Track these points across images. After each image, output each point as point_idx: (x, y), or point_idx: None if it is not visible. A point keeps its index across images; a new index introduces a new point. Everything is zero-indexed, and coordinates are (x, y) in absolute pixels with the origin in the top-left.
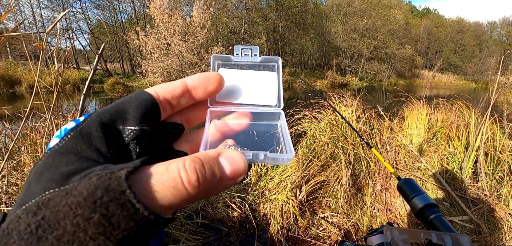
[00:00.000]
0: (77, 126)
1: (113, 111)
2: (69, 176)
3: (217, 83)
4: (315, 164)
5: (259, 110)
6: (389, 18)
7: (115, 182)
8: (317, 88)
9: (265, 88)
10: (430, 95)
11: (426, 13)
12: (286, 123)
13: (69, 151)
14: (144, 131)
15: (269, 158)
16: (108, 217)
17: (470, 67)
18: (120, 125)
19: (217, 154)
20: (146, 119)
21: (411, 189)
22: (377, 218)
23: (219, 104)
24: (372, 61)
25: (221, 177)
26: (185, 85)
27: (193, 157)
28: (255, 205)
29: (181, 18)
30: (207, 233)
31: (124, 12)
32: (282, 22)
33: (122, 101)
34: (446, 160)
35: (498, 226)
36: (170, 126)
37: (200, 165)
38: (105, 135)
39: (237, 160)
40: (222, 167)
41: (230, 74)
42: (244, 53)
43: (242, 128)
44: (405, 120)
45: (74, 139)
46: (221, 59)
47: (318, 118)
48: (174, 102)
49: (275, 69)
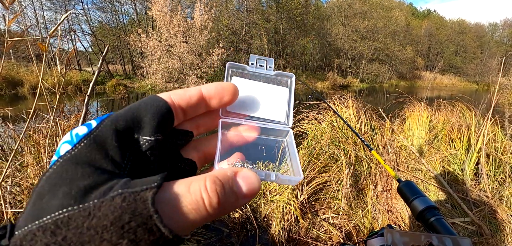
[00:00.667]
0: (91, 133)
1: (128, 119)
2: (86, 191)
3: (232, 94)
4: (316, 165)
5: (268, 126)
6: (390, 20)
7: (141, 206)
8: (318, 89)
9: (276, 103)
10: (432, 96)
11: (427, 14)
12: (294, 140)
13: (84, 161)
14: (159, 141)
15: (279, 178)
16: (136, 242)
17: (472, 69)
18: (135, 134)
19: (234, 174)
20: (161, 128)
21: (411, 191)
22: (378, 220)
23: (231, 115)
24: (373, 62)
25: (238, 196)
26: (201, 94)
27: (213, 177)
28: (257, 207)
29: (182, 19)
30: (208, 234)
31: (126, 13)
32: (283, 23)
33: (137, 107)
34: (447, 162)
35: (500, 228)
36: (181, 133)
37: (221, 187)
38: (119, 144)
39: (253, 180)
40: (239, 186)
41: (243, 84)
42: (259, 63)
43: (250, 141)
44: (406, 121)
45: (88, 147)
46: (235, 68)
47: (319, 120)
48: (189, 111)
49: (288, 85)
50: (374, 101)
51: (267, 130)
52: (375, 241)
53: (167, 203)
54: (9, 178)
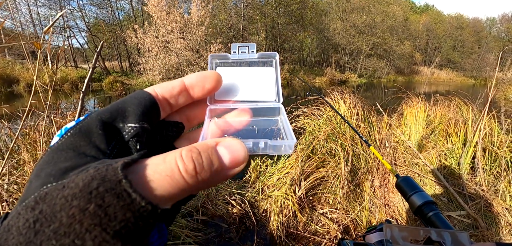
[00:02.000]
0: (77, 124)
1: (113, 110)
2: (67, 170)
3: (215, 81)
4: (314, 160)
5: (259, 106)
6: (388, 15)
7: (111, 173)
8: (316, 85)
9: (263, 84)
10: (429, 91)
11: (425, 9)
12: (286, 117)
13: (68, 147)
14: (144, 128)
15: (270, 146)
16: (104, 208)
17: (469, 64)
18: (120, 123)
19: (215, 143)
20: (146, 117)
21: (409, 186)
22: (375, 214)
23: (219, 102)
24: (371, 58)
25: (219, 166)
26: (183, 84)
27: (190, 146)
28: (255, 202)
29: (179, 15)
30: (207, 230)
31: (122, 9)
32: (281, 19)
33: (122, 100)
34: (444, 156)
35: (495, 221)
36: (170, 124)
37: (197, 154)
38: (105, 132)
39: (236, 148)
40: (220, 155)
41: (228, 73)
42: (241, 50)
43: (243, 125)
44: (404, 116)
45: (73, 136)
46: (218, 58)
47: (316, 115)
48: (173, 101)
49: (273, 64)
50: (372, 96)
51: (259, 110)
52: (373, 236)
53: (139, 171)
54: (6, 176)
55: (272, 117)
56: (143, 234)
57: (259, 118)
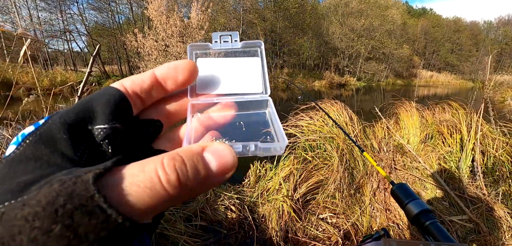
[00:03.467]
0: (37, 129)
1: (78, 111)
2: (26, 185)
3: (188, 72)
4: (312, 164)
5: (244, 99)
6: (386, 18)
7: (80, 187)
8: (316, 88)
9: (249, 75)
10: (428, 94)
11: (423, 13)
12: (275, 110)
13: (28, 157)
14: (116, 129)
15: (260, 149)
16: (73, 228)
17: (467, 67)
18: (88, 125)
19: (201, 149)
20: (116, 116)
21: (405, 194)
22: (376, 219)
23: (201, 96)
24: (370, 61)
25: (206, 174)
26: (154, 76)
27: (173, 153)
28: (254, 207)
29: (179, 19)
30: (206, 235)
31: (122, 13)
32: (280, 23)
33: (87, 99)
34: (443, 159)
35: (497, 225)
36: (146, 123)
37: (181, 162)
38: (70, 136)
39: (224, 153)
40: (207, 162)
41: (210, 64)
42: (223, 39)
43: (228, 120)
44: (402, 120)
45: (33, 144)
46: (198, 48)
47: (314, 120)
48: (144, 96)
49: (258, 54)
50: (371, 99)
51: (245, 103)
52: (369, 245)
53: (115, 184)
54: None
55: (259, 110)
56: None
57: (245, 112)
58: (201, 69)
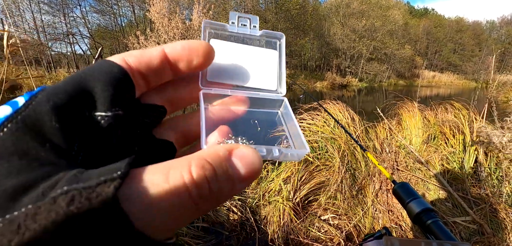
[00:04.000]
0: (17, 113)
1: (72, 91)
2: (16, 193)
3: (205, 56)
4: (314, 165)
5: (258, 96)
6: (388, 19)
7: (96, 203)
8: (317, 89)
9: (264, 69)
10: (430, 95)
11: (425, 13)
12: (291, 111)
13: (11, 152)
14: (119, 116)
15: (283, 154)
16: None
17: (470, 67)
18: (86, 110)
19: (228, 153)
20: (118, 100)
21: (407, 193)
22: (379, 220)
23: (212, 85)
24: (371, 62)
25: (234, 181)
26: (164, 54)
27: (201, 160)
28: (256, 208)
29: (181, 21)
30: (208, 237)
31: (124, 16)
32: (281, 24)
33: (82, 75)
34: (446, 160)
35: (501, 226)
36: (147, 108)
37: (212, 172)
38: (62, 125)
39: (252, 159)
40: (236, 168)
41: (223, 47)
42: (241, 23)
43: (239, 116)
44: (404, 120)
45: (14, 133)
46: (214, 27)
47: (316, 120)
48: (151, 77)
49: (277, 47)
50: (373, 100)
51: (258, 100)
52: (371, 244)
53: (137, 200)
54: None
55: (271, 109)
56: None
57: (257, 110)
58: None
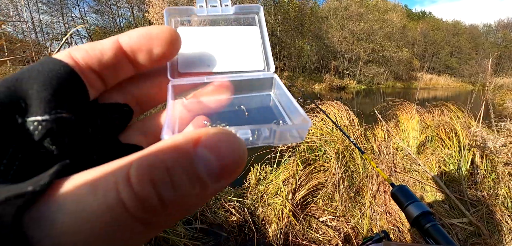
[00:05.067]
0: None
1: (3, 96)
2: None
3: (169, 43)
4: (312, 167)
5: (243, 78)
6: (386, 22)
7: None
8: (316, 91)
9: (245, 48)
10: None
11: (422, 16)
12: (285, 89)
13: None
14: (63, 120)
15: (278, 133)
16: None
17: (467, 70)
18: (18, 116)
19: (191, 143)
20: (61, 100)
21: (405, 196)
22: (376, 221)
23: (185, 75)
24: (369, 64)
25: (203, 183)
26: (119, 46)
27: (146, 158)
28: (254, 209)
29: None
30: (206, 238)
31: (123, 16)
32: (280, 26)
33: (17, 76)
34: (443, 162)
35: (497, 228)
36: (109, 108)
37: (163, 172)
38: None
39: (230, 145)
40: (206, 162)
41: (194, 34)
42: (211, 4)
43: (223, 105)
44: (401, 123)
45: None
46: (179, 14)
47: (315, 122)
48: (106, 73)
49: (256, 22)
50: (371, 102)
51: (244, 83)
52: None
53: (49, 224)
54: None
55: (262, 92)
56: None
57: (245, 95)
58: (184, 41)
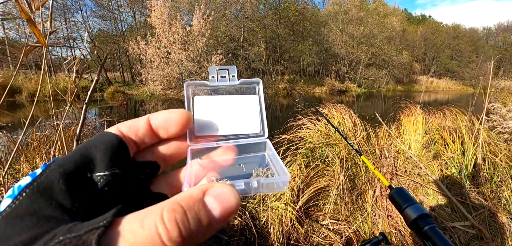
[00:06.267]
0: (34, 181)
1: (78, 159)
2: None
3: (180, 125)
4: (314, 171)
5: (244, 142)
6: (386, 25)
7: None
8: (316, 95)
9: (247, 115)
10: (429, 100)
11: (422, 20)
12: (274, 151)
13: (24, 212)
14: (116, 175)
15: (263, 185)
16: None
17: (467, 73)
18: (88, 173)
19: (202, 193)
20: (115, 162)
21: (403, 198)
22: (378, 225)
23: (200, 139)
24: (370, 67)
25: (208, 222)
26: (149, 125)
27: (172, 204)
28: (256, 213)
29: (181, 27)
30: (207, 242)
31: (125, 21)
32: (280, 30)
33: (86, 146)
34: (445, 165)
35: (500, 231)
36: (143, 165)
37: (182, 214)
38: (68, 187)
39: (227, 196)
40: (209, 209)
41: (207, 103)
42: (220, 75)
43: (229, 163)
44: (402, 126)
45: (30, 196)
46: (196, 86)
47: (317, 126)
48: (139, 141)
49: (256, 91)
50: (372, 106)
51: (245, 146)
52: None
53: (116, 241)
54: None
55: (258, 153)
56: None
57: (245, 156)
58: (199, 108)
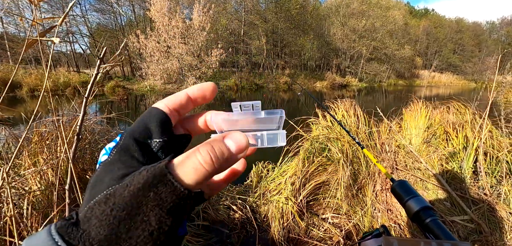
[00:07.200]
0: (117, 144)
1: (141, 130)
2: (123, 176)
3: (213, 91)
4: (315, 165)
5: (262, 129)
6: (388, 19)
7: (158, 171)
8: (317, 89)
9: (267, 123)
10: (430, 95)
11: (425, 13)
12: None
13: (117, 161)
14: (165, 141)
15: (265, 137)
16: (159, 194)
17: (470, 67)
18: (148, 139)
19: (222, 137)
20: (164, 131)
21: (405, 191)
22: (378, 219)
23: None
24: (371, 62)
25: (228, 154)
26: (188, 95)
27: (205, 142)
28: (256, 207)
29: (181, 21)
30: (208, 235)
31: (124, 15)
32: (281, 23)
33: (144, 119)
34: (445, 160)
35: (499, 225)
36: (180, 136)
37: (211, 147)
38: (139, 148)
39: (240, 138)
40: (228, 146)
41: (234, 115)
42: (244, 108)
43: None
44: (404, 120)
45: (118, 153)
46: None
47: (322, 122)
48: (181, 110)
49: (279, 116)
50: (373, 100)
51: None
52: (369, 242)
53: (174, 168)
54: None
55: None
56: (183, 211)
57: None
58: (226, 122)
